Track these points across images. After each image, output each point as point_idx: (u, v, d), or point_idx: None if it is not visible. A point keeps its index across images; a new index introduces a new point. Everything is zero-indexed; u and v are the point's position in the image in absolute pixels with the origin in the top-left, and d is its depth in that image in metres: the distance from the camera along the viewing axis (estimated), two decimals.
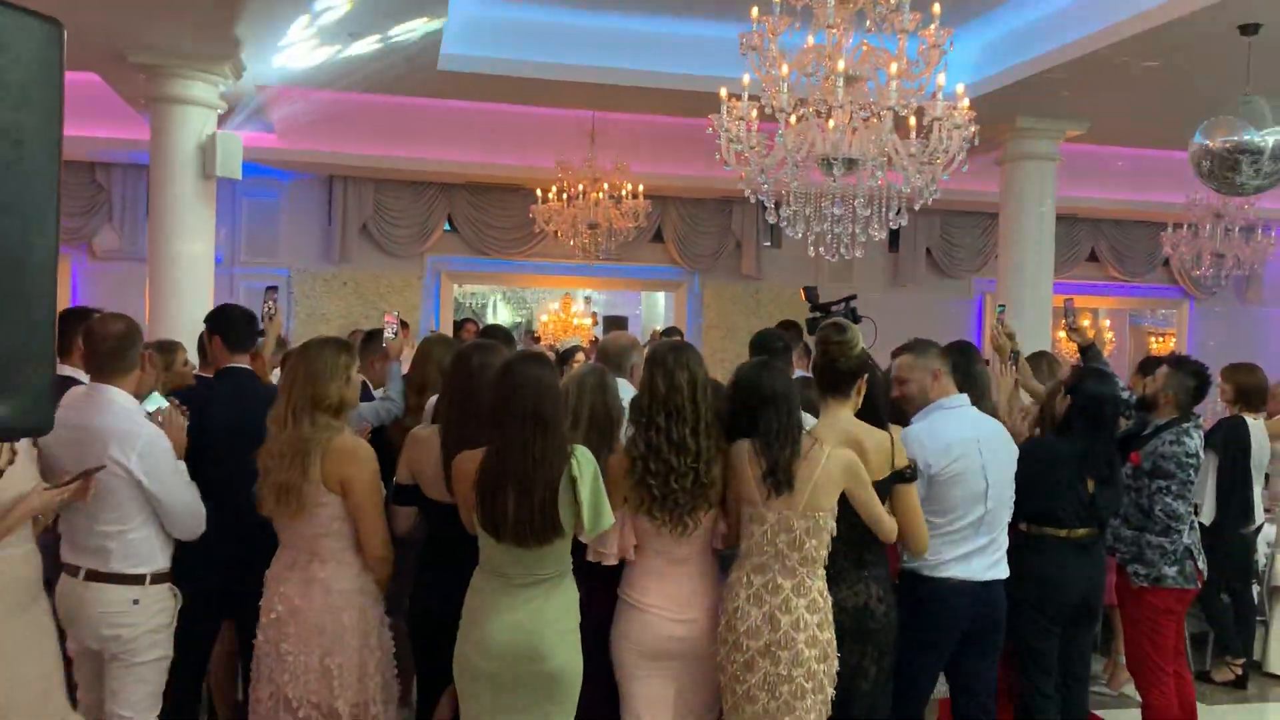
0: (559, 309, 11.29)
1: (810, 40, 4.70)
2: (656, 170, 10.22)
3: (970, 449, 3.64)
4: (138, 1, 5.96)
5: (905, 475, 3.44)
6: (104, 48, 6.76)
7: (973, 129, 4.80)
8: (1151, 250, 11.75)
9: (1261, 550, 6.08)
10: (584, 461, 3.08)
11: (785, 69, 4.62)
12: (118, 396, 3.39)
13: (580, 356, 7.68)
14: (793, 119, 4.78)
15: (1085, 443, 4.01)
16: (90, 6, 5.96)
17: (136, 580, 3.36)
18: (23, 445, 3.06)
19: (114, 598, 3.34)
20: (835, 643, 3.24)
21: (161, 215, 7.18)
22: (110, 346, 3.40)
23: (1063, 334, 11.95)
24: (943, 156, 4.81)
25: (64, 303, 10.41)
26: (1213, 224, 9.70)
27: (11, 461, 2.86)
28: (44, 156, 1.58)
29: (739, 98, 4.92)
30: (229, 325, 4.21)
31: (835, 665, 3.24)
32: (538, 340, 12.08)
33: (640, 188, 9.33)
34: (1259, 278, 11.98)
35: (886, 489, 3.40)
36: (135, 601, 3.36)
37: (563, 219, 9.23)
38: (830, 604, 3.26)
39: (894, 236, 11.06)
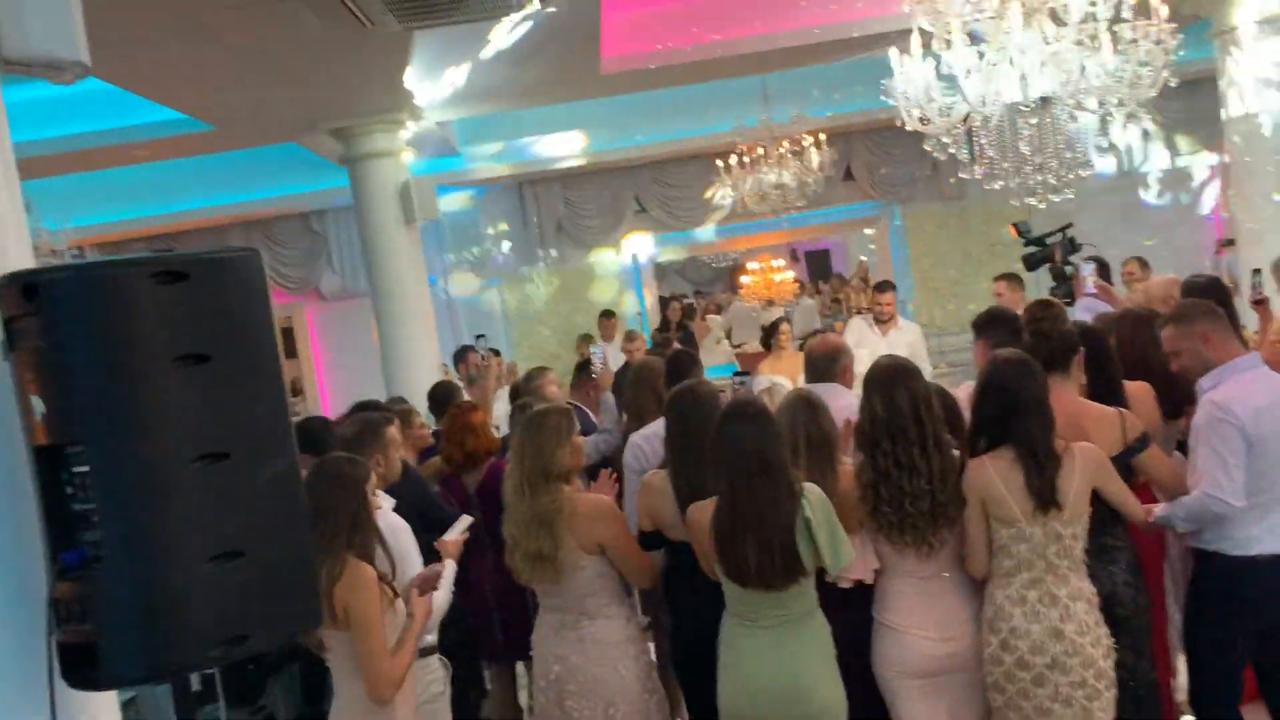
0: (758, 268, 11.20)
1: None
2: (835, 109, 9.93)
3: (1276, 412, 3.31)
4: (323, 79, 6.30)
5: (1138, 446, 3.31)
6: (299, 120, 7.23)
7: (1174, 38, 4.39)
8: None
9: None
10: (816, 502, 3.08)
11: (956, 23, 4.37)
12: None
13: (785, 326, 7.65)
14: (972, 70, 4.52)
15: None
16: (285, 84, 6.36)
17: None
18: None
19: None
20: (1109, 632, 3.15)
21: (376, 261, 7.64)
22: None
23: None
24: (1148, 75, 4.43)
25: (304, 343, 11.31)
26: None
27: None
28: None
29: (909, 53, 4.71)
30: None
31: (1114, 655, 3.15)
32: (739, 291, 12.04)
33: (823, 136, 9.09)
34: None
35: (1121, 465, 3.27)
36: None
37: (747, 186, 9.12)
38: (1098, 598, 3.17)
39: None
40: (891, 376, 3.22)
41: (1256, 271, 5.14)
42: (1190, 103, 10.52)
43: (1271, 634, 3.36)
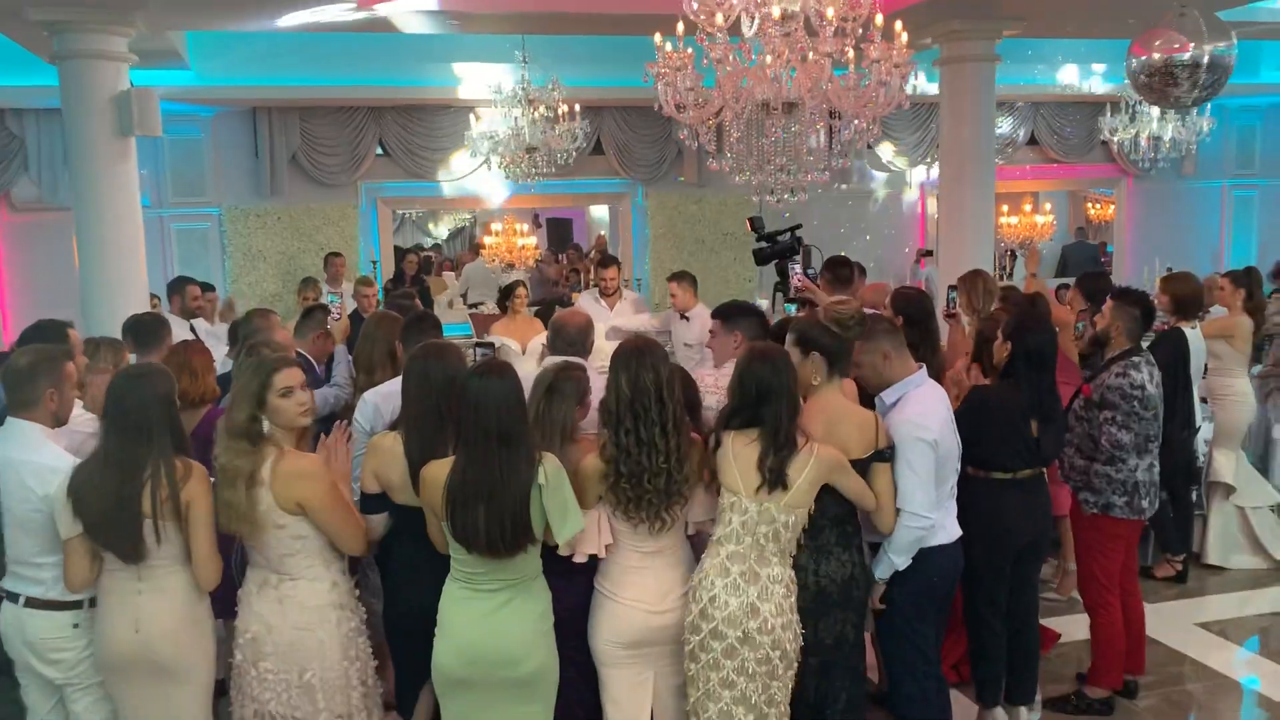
0: (501, 229, 11.09)
1: None
2: (591, 81, 9.99)
3: (948, 418, 3.76)
4: None
5: (884, 455, 3.56)
6: (2, 4, 6.38)
7: (910, 65, 4.72)
8: (1090, 132, 11.79)
9: (1200, 450, 6.31)
10: (551, 471, 3.11)
11: (720, 17, 4.49)
12: (29, 430, 3.41)
13: (522, 290, 7.65)
14: (730, 66, 4.66)
15: (1029, 388, 4.11)
16: None
17: (75, 606, 3.40)
18: None
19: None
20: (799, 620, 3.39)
21: (81, 173, 6.90)
22: (12, 382, 3.42)
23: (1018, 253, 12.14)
24: (884, 95, 4.74)
25: None
26: (1148, 107, 9.73)
27: None
28: None
29: (674, 45, 4.79)
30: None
31: (800, 641, 3.39)
32: (480, 251, 11.90)
33: (577, 107, 9.11)
34: (1193, 154, 12.10)
35: (865, 467, 3.52)
36: (75, 626, 3.40)
37: (499, 146, 9.00)
38: (796, 587, 3.39)
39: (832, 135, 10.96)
40: (638, 357, 3.30)
41: (952, 287, 5.70)
42: (918, 123, 11.48)
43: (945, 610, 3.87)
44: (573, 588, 3.38)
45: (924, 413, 3.69)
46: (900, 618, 3.75)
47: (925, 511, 3.59)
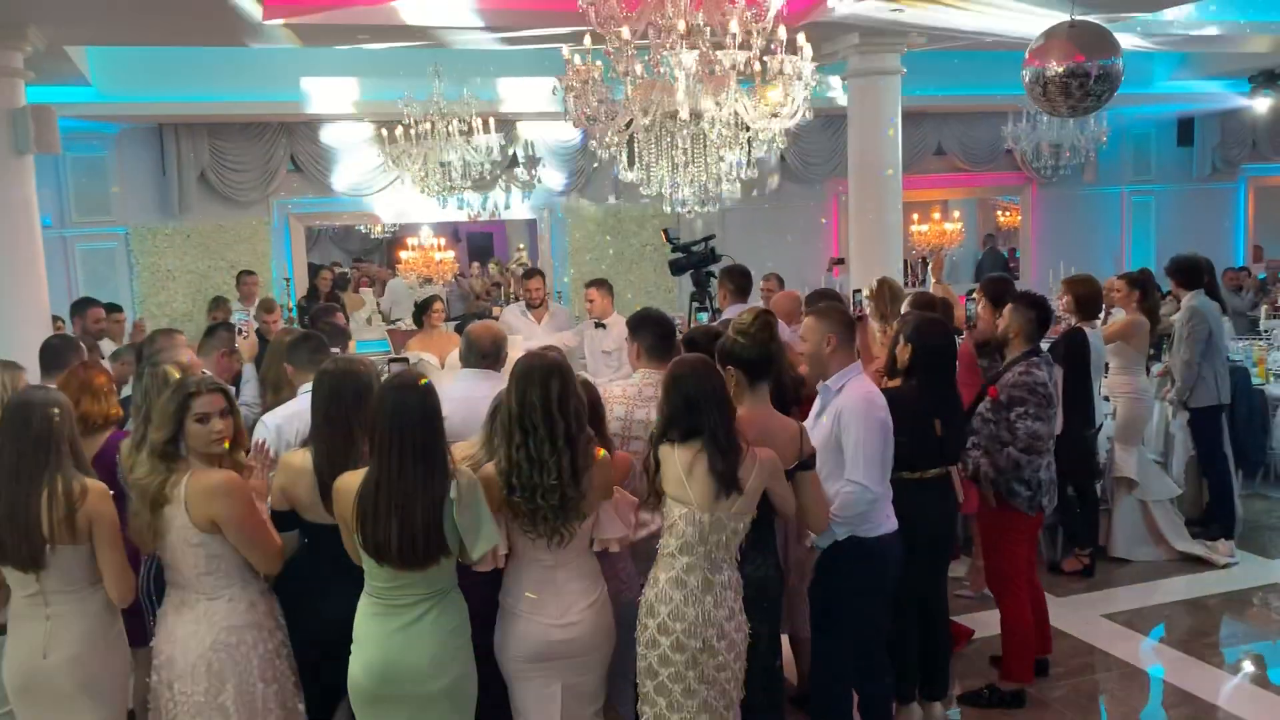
0: (418, 244, 10.99)
1: None
2: (508, 95, 9.99)
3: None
4: None
5: (808, 463, 3.61)
6: None
7: (814, 79, 4.83)
8: (995, 141, 12.12)
9: (1102, 447, 6.53)
10: (464, 485, 3.10)
11: (627, 32, 4.54)
12: None
13: (439, 305, 7.61)
14: (637, 78, 4.71)
15: (931, 388, 4.22)
16: None
17: None
18: None
19: None
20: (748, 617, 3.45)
21: None
22: None
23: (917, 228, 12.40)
24: (789, 107, 4.84)
25: None
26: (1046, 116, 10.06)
27: None
28: None
29: (581, 60, 4.82)
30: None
31: (749, 639, 3.45)
32: (395, 266, 11.79)
33: (492, 120, 9.09)
34: (1093, 161, 12.54)
35: (791, 475, 3.55)
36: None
37: (413, 160, 8.94)
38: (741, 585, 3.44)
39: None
40: (529, 373, 3.27)
41: (857, 291, 5.86)
42: (826, 134, 11.68)
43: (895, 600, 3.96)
44: (473, 599, 3.34)
45: (875, 393, 3.80)
46: (846, 611, 3.82)
47: (873, 484, 3.69)
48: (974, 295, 5.82)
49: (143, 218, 10.32)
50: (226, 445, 3.36)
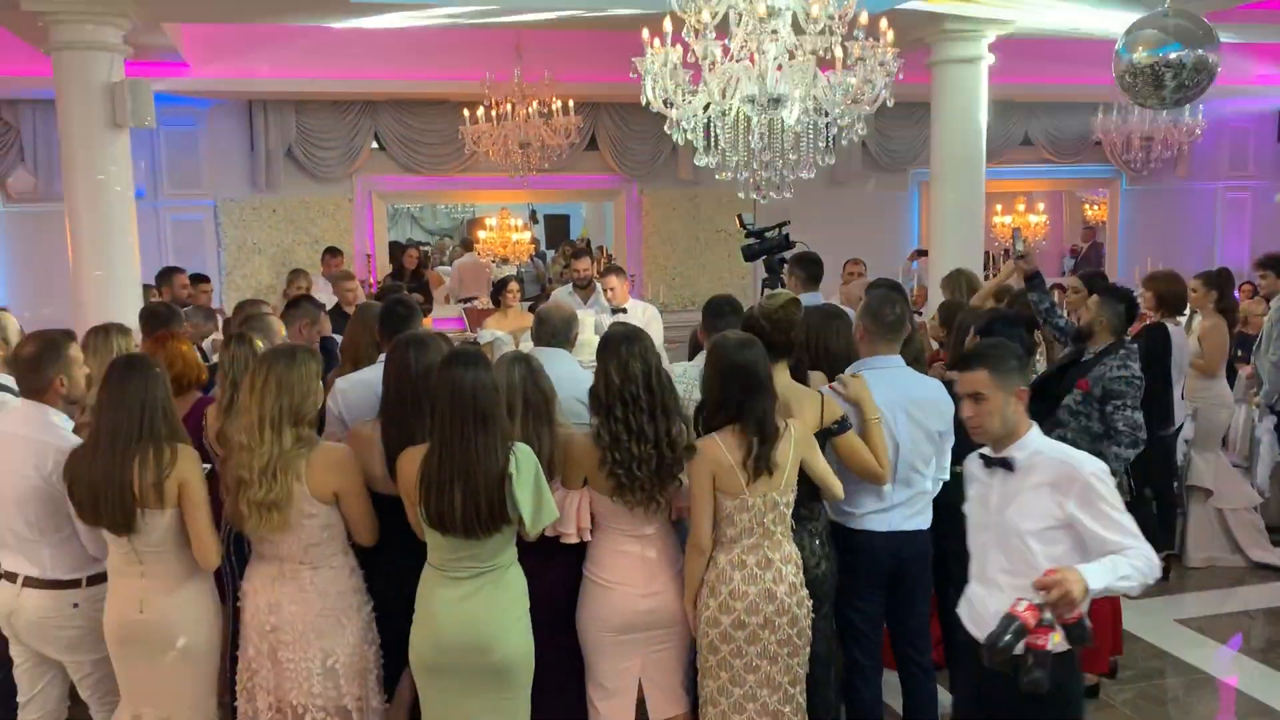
0: (496, 224, 11.11)
1: None
2: (587, 78, 10.01)
3: (887, 412, 3.74)
4: None
5: (833, 430, 3.61)
6: None
7: (898, 64, 4.76)
8: (1084, 132, 11.80)
9: (1180, 450, 6.36)
10: (523, 459, 3.15)
11: (707, 14, 4.52)
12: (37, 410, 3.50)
13: (514, 285, 7.68)
14: (716, 63, 4.70)
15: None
16: None
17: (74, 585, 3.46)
18: None
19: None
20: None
21: (72, 165, 6.91)
22: (21, 370, 3.52)
23: (1007, 249, 12.16)
24: (869, 92, 4.79)
25: None
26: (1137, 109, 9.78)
27: None
28: None
29: (662, 40, 4.82)
30: None
31: (812, 614, 3.47)
32: (473, 246, 11.92)
33: (570, 103, 9.14)
34: (1186, 155, 12.14)
35: (821, 443, 3.56)
36: (75, 606, 3.46)
37: (493, 139, 9.03)
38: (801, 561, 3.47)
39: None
40: (627, 344, 3.35)
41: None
42: (908, 121, 11.49)
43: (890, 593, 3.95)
44: (549, 572, 3.41)
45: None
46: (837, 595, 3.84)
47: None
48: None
49: (231, 191, 10.59)
50: None
